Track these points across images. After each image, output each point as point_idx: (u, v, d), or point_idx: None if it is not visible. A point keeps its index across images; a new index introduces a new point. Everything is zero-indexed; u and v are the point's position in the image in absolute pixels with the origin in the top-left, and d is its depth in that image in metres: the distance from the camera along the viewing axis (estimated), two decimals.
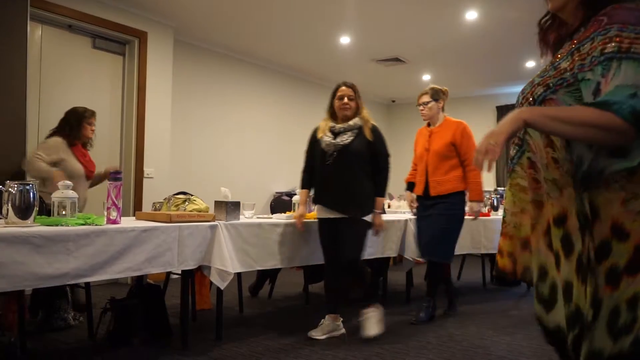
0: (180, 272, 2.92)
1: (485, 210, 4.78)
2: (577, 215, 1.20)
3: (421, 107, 3.77)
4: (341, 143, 3.12)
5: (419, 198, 3.77)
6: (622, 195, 1.14)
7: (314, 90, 7.35)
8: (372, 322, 3.14)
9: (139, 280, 3.18)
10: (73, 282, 2.41)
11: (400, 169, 4.64)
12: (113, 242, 2.45)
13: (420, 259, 3.91)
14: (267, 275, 4.44)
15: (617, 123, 1.06)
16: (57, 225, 2.37)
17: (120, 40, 4.90)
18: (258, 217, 3.53)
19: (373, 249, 3.78)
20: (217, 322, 3.14)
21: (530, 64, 6.42)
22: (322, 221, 3.25)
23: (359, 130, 3.16)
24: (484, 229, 4.43)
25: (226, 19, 5.11)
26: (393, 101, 9.11)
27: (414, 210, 3.87)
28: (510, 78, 7.12)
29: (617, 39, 1.11)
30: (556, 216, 1.25)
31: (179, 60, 5.54)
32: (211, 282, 3.37)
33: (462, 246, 4.34)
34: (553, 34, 1.37)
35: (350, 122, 3.17)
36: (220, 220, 2.99)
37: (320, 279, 4.73)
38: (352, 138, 3.13)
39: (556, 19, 1.36)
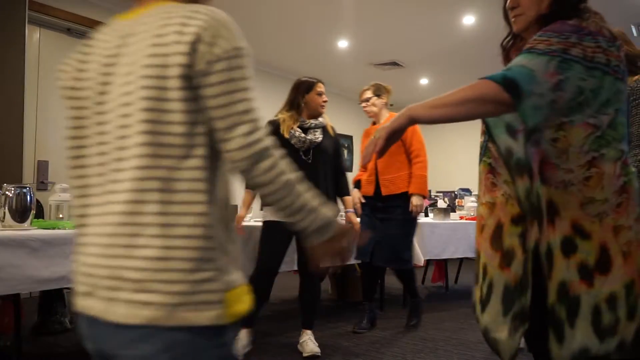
0: None
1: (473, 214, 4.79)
2: (526, 203, 1.28)
3: (364, 104, 3.65)
4: (316, 140, 2.97)
5: (368, 199, 3.51)
6: (579, 198, 1.22)
7: None
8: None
9: None
10: (70, 285, 2.40)
11: None
12: None
13: (419, 263, 3.90)
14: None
15: (489, 89, 1.17)
16: (54, 228, 2.37)
17: None
18: (255, 221, 3.53)
19: None
20: None
21: None
22: (277, 225, 2.82)
23: (324, 128, 3.07)
24: None
25: None
26: (391, 105, 9.12)
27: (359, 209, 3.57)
28: None
29: (535, 41, 1.22)
30: (516, 215, 1.33)
31: None
32: None
33: (459, 250, 4.35)
34: (515, 52, 1.45)
35: (320, 119, 3.05)
36: None
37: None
38: (322, 136, 3.01)
39: (517, 38, 1.46)
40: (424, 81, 7.27)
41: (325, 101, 3.07)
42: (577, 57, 1.17)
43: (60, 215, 2.55)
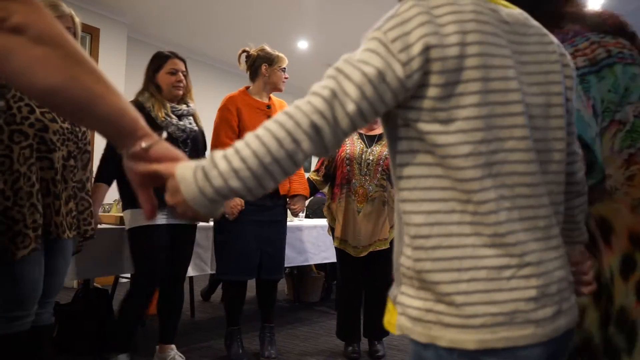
0: (129, 275, 2.84)
1: None
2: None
3: (286, 75, 3.13)
4: (194, 129, 2.64)
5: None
6: (628, 201, 1.07)
7: None
8: None
9: (85, 284, 3.07)
10: None
11: None
12: None
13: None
14: (220, 279, 4.37)
15: None
16: None
17: None
18: (213, 220, 3.48)
19: (327, 252, 3.80)
20: None
21: None
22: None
23: (194, 116, 2.71)
24: None
25: (182, 17, 5.03)
26: None
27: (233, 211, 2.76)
28: None
29: None
30: None
31: (133, 59, 5.40)
32: None
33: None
34: None
35: (191, 105, 2.70)
36: None
37: None
38: (195, 125, 2.70)
39: None
40: None
41: (179, 81, 2.55)
42: (585, 68, 1.07)
43: None
